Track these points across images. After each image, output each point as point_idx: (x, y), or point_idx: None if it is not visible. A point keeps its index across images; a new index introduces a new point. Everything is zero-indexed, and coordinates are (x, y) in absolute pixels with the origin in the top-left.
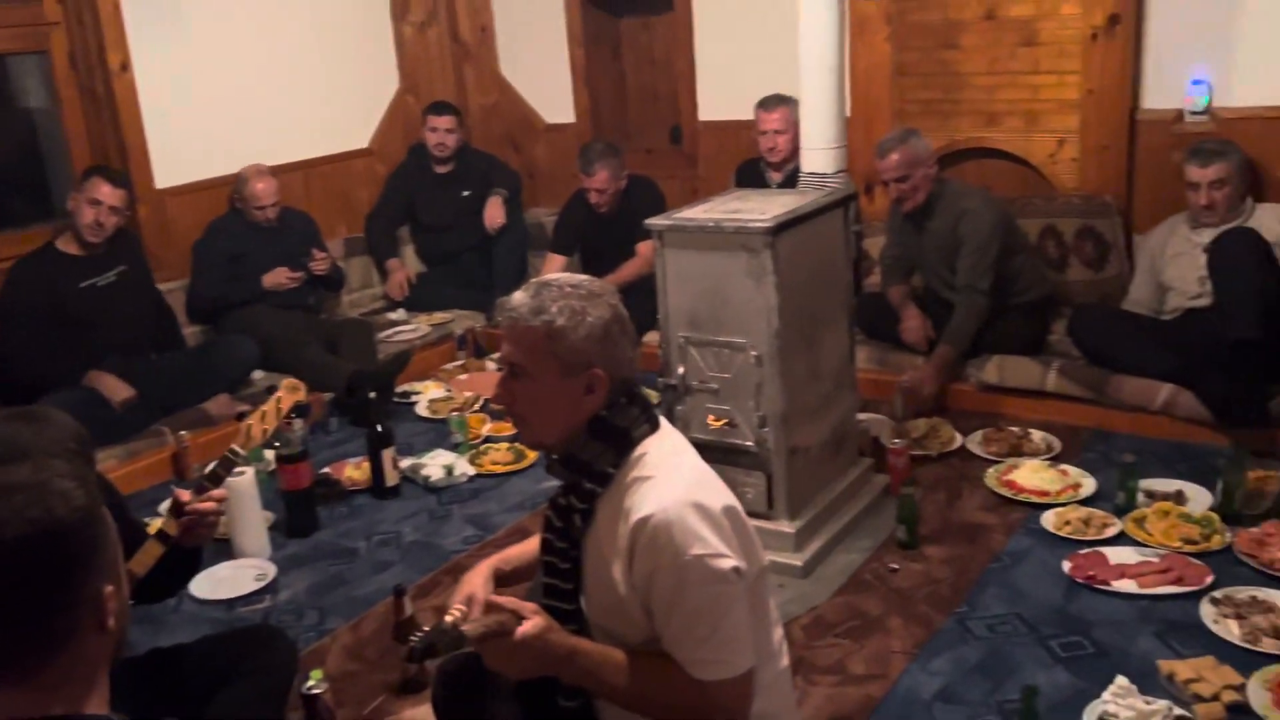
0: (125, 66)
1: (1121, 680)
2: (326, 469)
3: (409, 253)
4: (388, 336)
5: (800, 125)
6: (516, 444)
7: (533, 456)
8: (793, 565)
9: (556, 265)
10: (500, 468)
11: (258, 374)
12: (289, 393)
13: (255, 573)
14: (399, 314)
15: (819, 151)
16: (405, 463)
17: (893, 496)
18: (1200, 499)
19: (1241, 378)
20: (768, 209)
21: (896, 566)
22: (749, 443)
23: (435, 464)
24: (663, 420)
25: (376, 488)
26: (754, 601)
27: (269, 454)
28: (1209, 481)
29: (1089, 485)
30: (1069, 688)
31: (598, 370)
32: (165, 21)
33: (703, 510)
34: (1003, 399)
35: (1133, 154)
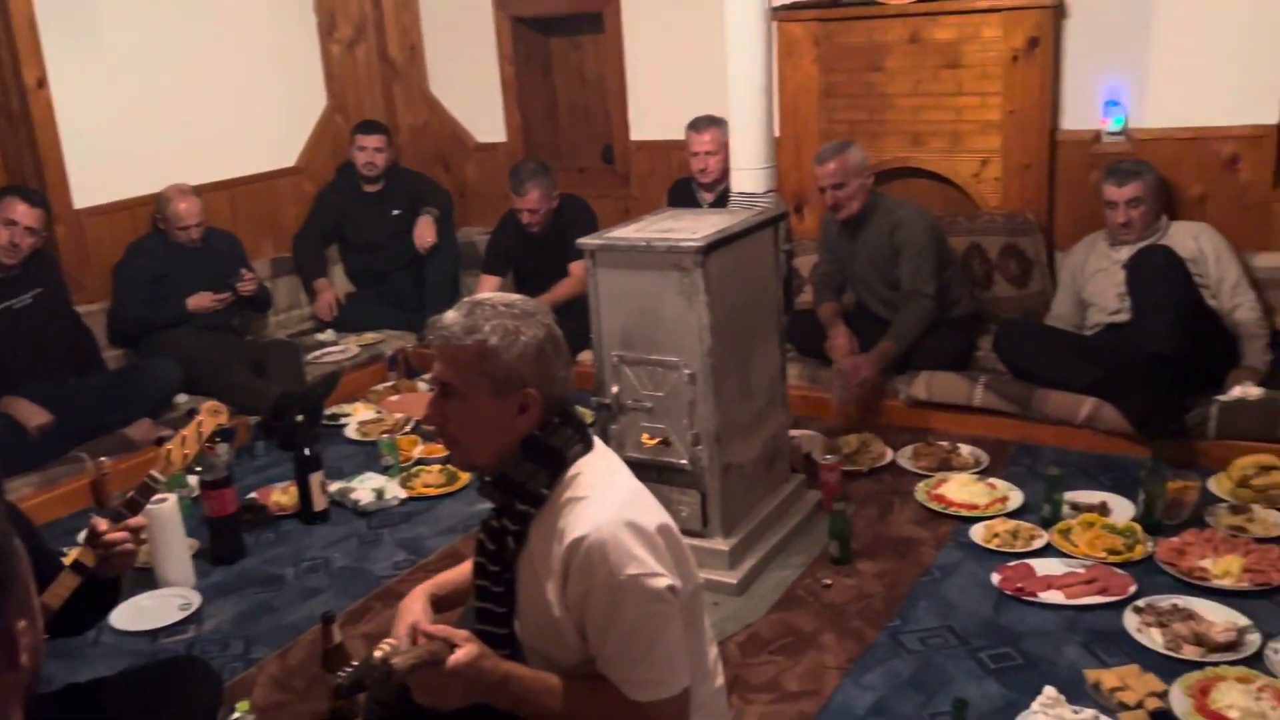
0: (41, 83)
1: (1050, 690)
2: (253, 494)
3: (338, 272)
4: (316, 358)
5: (730, 146)
6: (449, 466)
7: (465, 479)
8: (727, 583)
9: (489, 286)
10: (432, 490)
11: (181, 398)
12: (210, 416)
13: (179, 602)
14: (327, 335)
15: (749, 172)
16: (334, 487)
17: (825, 512)
18: (1123, 510)
19: (1160, 391)
20: (699, 228)
21: (829, 582)
22: (683, 461)
23: (365, 487)
24: (597, 440)
25: (304, 513)
26: (689, 620)
27: (193, 479)
28: (1131, 492)
29: (1016, 498)
30: (999, 699)
31: (531, 390)
32: (83, 36)
33: (637, 529)
34: (932, 414)
35: (1053, 173)
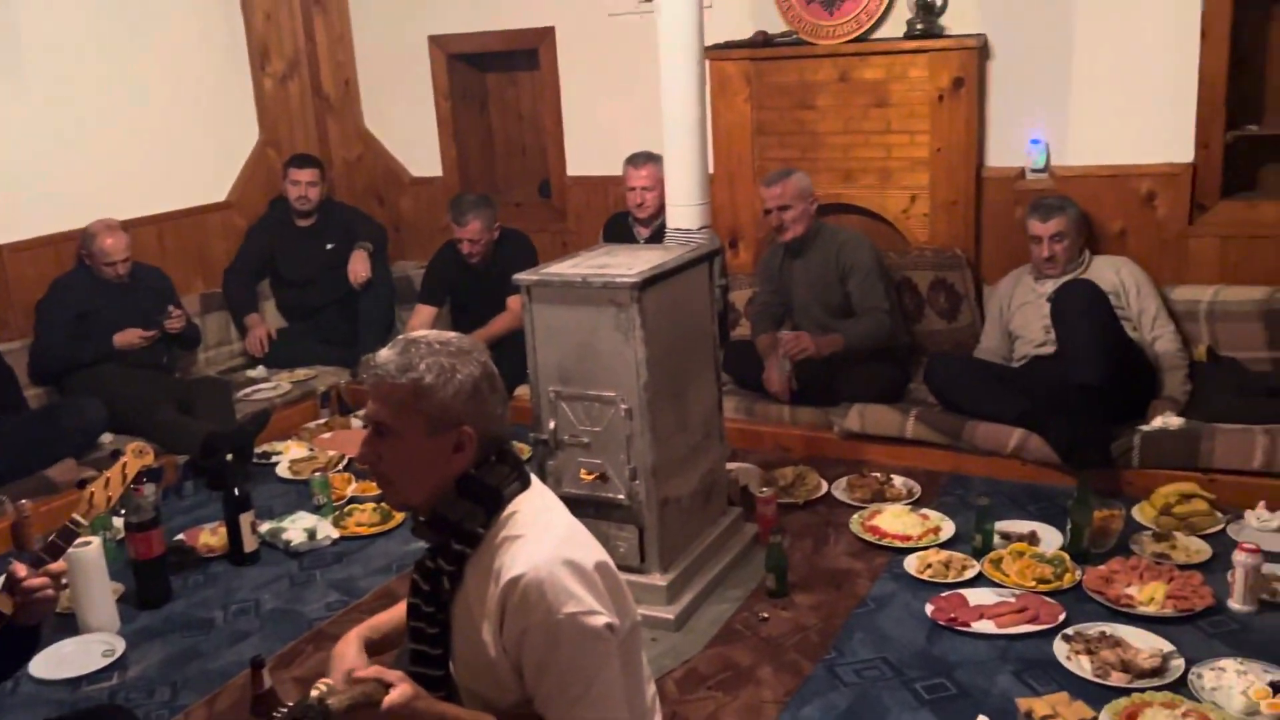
0: None
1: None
2: (180, 535)
3: (269, 308)
4: (246, 395)
5: (666, 183)
6: (382, 504)
7: (400, 517)
8: (665, 619)
9: (424, 316)
10: (365, 529)
11: (106, 437)
12: (135, 457)
13: (102, 648)
14: (258, 371)
15: (684, 208)
16: (265, 527)
17: (762, 545)
18: (1052, 539)
19: (1085, 421)
20: (634, 264)
21: (766, 615)
22: (620, 496)
23: (297, 527)
24: (534, 477)
25: (234, 554)
26: (627, 658)
27: (118, 521)
28: (1059, 521)
29: (948, 528)
30: None
31: (467, 428)
32: (5, 68)
33: (575, 567)
34: (865, 446)
35: (979, 209)
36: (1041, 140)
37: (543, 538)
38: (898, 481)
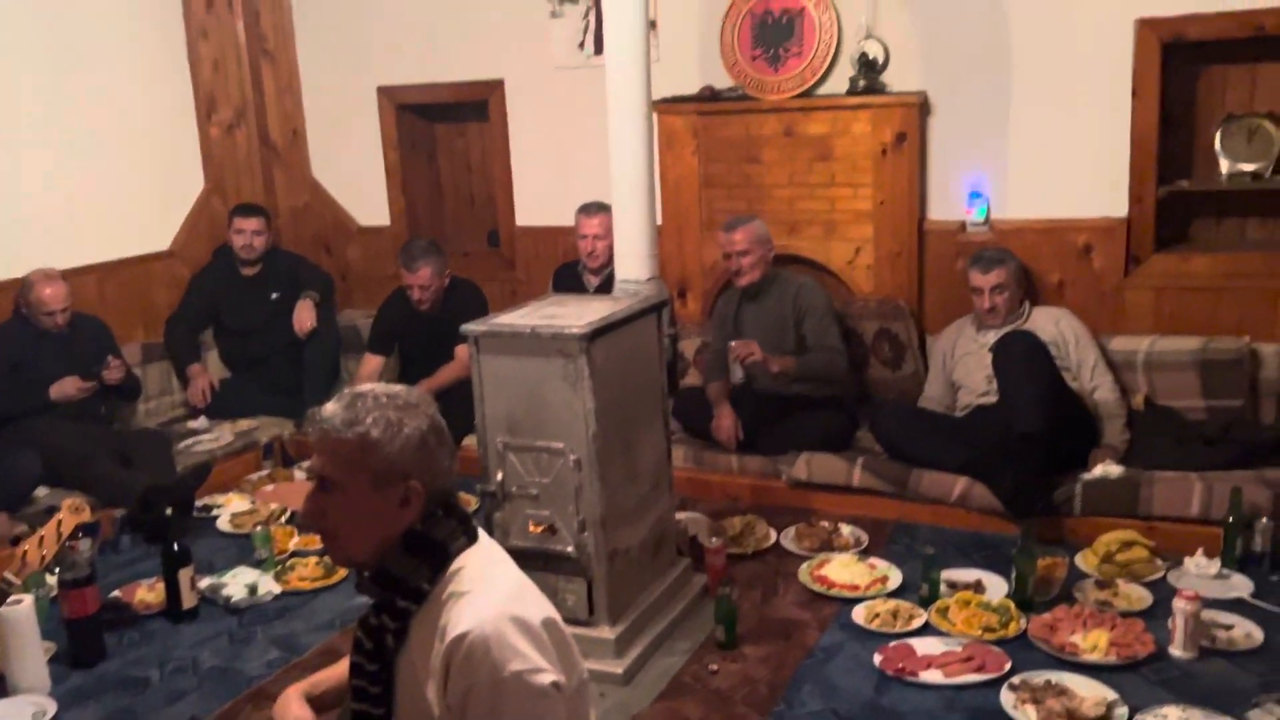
0: None
1: None
2: (116, 592)
3: (212, 357)
4: (187, 446)
5: (614, 234)
6: (325, 558)
7: (344, 571)
8: (613, 673)
9: (372, 365)
10: (308, 584)
11: (41, 491)
12: (71, 514)
13: (32, 710)
14: (200, 422)
15: (633, 259)
16: (204, 582)
17: (711, 596)
18: (997, 587)
19: (1027, 469)
20: (583, 315)
21: (715, 668)
22: (569, 548)
23: (237, 582)
24: (481, 532)
25: (172, 610)
26: (574, 715)
27: (51, 579)
28: (1004, 570)
29: (896, 578)
30: None
31: (414, 482)
32: None
33: (521, 624)
34: (813, 495)
35: (922, 260)
36: (982, 194)
37: (489, 594)
38: (845, 530)
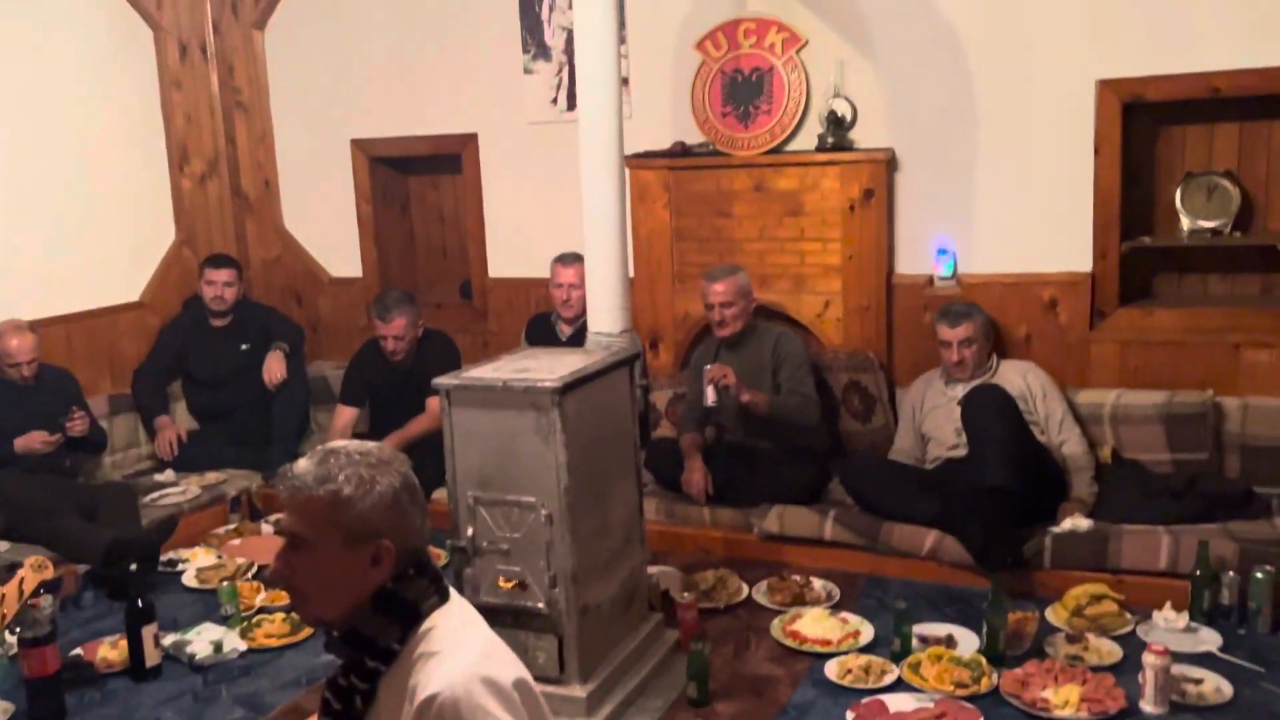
0: None
1: None
2: (78, 650)
3: (180, 409)
4: (153, 499)
5: (587, 287)
6: (293, 614)
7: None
8: None
9: (346, 417)
10: (275, 641)
11: (2, 546)
12: (33, 572)
13: None
14: (167, 475)
15: (605, 312)
16: (168, 639)
17: (683, 652)
18: (969, 641)
19: (997, 523)
20: (556, 368)
21: None
22: (540, 604)
23: (202, 639)
24: (452, 591)
25: (135, 669)
26: None
27: (10, 637)
28: (976, 624)
29: (868, 632)
30: None
31: (386, 541)
32: None
33: (493, 685)
34: (785, 548)
35: (891, 314)
36: (948, 249)
37: (460, 654)
38: (817, 585)
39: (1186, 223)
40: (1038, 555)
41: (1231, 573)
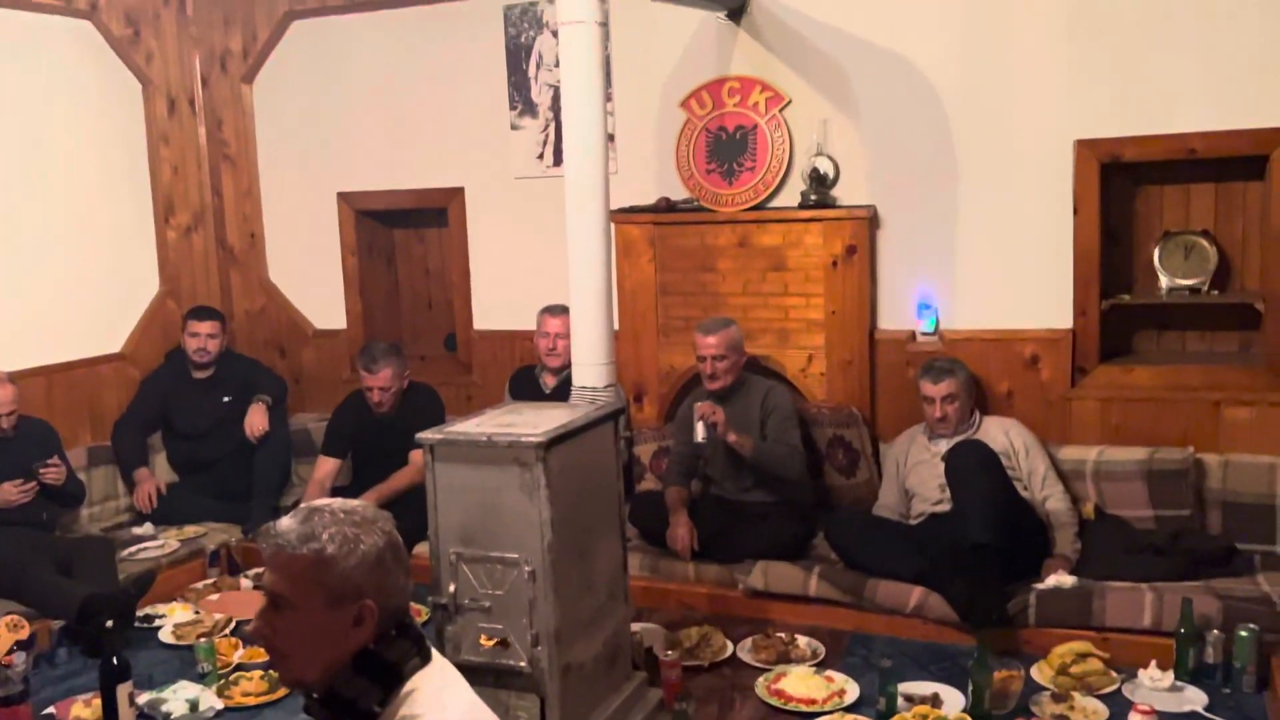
0: None
1: None
2: (51, 709)
3: (160, 461)
4: (131, 553)
5: (572, 340)
6: (271, 671)
7: None
8: None
9: (327, 468)
10: (253, 699)
11: None
12: (8, 631)
13: None
14: (145, 528)
15: (590, 366)
16: (143, 698)
17: (667, 711)
18: (955, 700)
19: (982, 579)
20: (540, 423)
21: None
22: (522, 663)
23: (178, 698)
24: (434, 652)
25: None
26: None
27: None
28: (961, 682)
29: (853, 691)
30: None
31: (369, 601)
32: None
33: None
34: (770, 604)
35: (874, 369)
36: (930, 305)
37: (441, 718)
38: (802, 642)
39: (1165, 281)
40: (1022, 612)
41: (1216, 631)
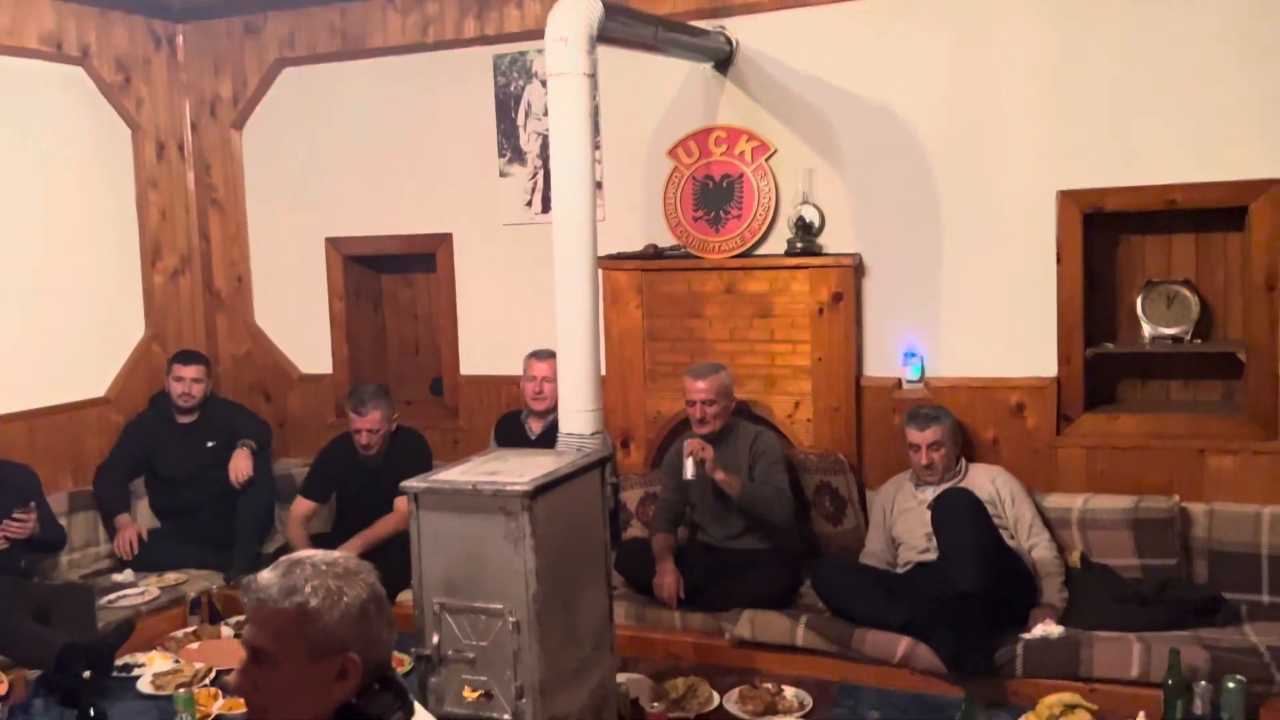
0: None
1: None
2: None
3: (142, 506)
4: (110, 601)
5: (559, 387)
6: None
7: None
8: None
9: (302, 510)
10: None
11: None
12: None
13: None
14: (125, 575)
15: (577, 413)
16: None
17: None
18: None
19: (969, 629)
20: (526, 471)
21: None
22: (506, 716)
23: None
24: (417, 706)
25: None
26: None
27: None
28: None
29: None
30: None
31: (353, 654)
32: None
33: None
34: (756, 654)
35: (860, 415)
36: (916, 352)
37: None
38: (789, 693)
39: (1148, 330)
40: (1010, 663)
41: (1204, 682)
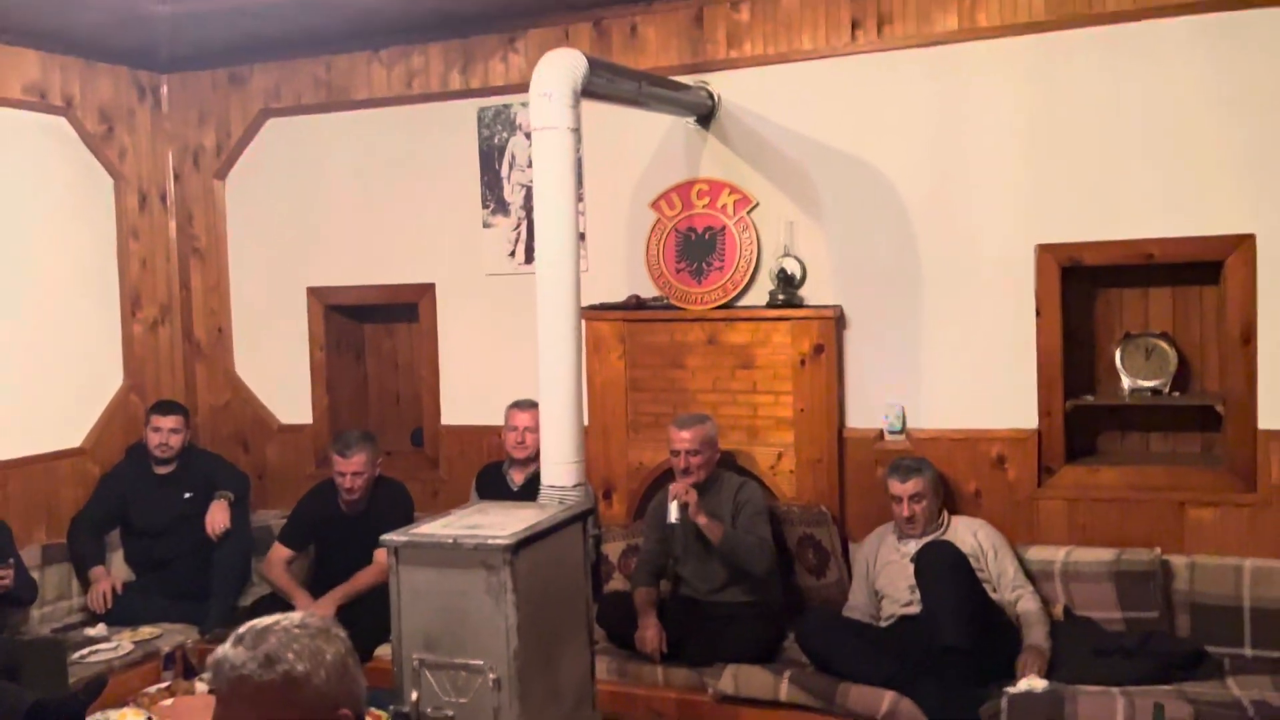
0: None
1: None
2: None
3: (116, 559)
4: (82, 656)
5: (541, 438)
6: None
7: None
8: None
9: (280, 557)
10: None
11: None
12: None
13: None
14: (98, 629)
15: (559, 465)
16: None
17: None
18: None
19: (953, 683)
20: (507, 524)
21: None
22: None
23: None
24: None
25: None
26: None
27: None
28: None
29: None
30: None
31: (344, 710)
32: None
33: None
34: (740, 710)
35: (842, 467)
36: (897, 404)
37: None
38: None
39: (1127, 382)
40: (994, 717)
41: None
